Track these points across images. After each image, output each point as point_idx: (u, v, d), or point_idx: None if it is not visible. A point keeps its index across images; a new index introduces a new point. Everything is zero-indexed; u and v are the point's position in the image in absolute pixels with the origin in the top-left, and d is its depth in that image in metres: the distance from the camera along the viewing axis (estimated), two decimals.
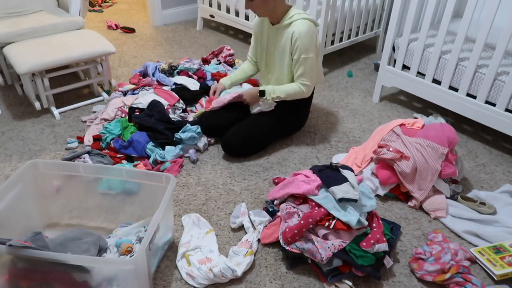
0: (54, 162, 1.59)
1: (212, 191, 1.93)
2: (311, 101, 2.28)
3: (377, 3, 3.21)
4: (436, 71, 2.41)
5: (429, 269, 1.52)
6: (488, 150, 2.31)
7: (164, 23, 3.96)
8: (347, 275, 1.50)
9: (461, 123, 2.53)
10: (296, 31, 1.94)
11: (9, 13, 2.57)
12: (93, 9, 4.27)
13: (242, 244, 1.60)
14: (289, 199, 1.68)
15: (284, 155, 2.19)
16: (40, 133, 2.29)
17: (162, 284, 1.49)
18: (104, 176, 1.58)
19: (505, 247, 1.62)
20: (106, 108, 2.38)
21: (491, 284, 1.55)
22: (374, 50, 3.54)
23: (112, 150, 2.10)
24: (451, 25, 2.64)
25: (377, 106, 2.71)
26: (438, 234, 1.67)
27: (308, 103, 2.27)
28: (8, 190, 1.45)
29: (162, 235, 1.51)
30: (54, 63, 2.25)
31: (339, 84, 2.96)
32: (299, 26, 1.95)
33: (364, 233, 1.53)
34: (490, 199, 1.89)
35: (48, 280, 1.30)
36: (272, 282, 1.52)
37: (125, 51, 3.34)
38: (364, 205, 1.57)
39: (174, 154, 2.07)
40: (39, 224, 1.60)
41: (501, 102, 2.13)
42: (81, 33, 2.52)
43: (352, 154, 2.15)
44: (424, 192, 1.84)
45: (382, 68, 2.64)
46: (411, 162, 1.83)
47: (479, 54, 2.15)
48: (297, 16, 1.98)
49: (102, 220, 1.67)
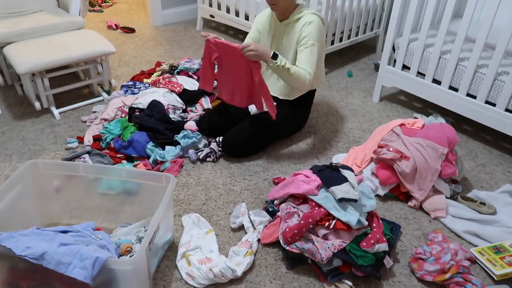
0: (54, 162, 1.59)
1: (212, 191, 1.93)
2: (312, 102, 2.29)
3: (377, 3, 3.21)
4: (436, 71, 2.41)
5: (429, 269, 1.52)
6: (488, 150, 2.31)
7: (164, 23, 3.96)
8: (347, 275, 1.50)
9: (461, 123, 2.53)
10: (306, 21, 1.94)
11: (9, 13, 2.57)
12: (93, 9, 4.28)
13: (242, 244, 1.60)
14: (289, 199, 1.68)
15: (284, 155, 2.19)
16: (40, 133, 2.29)
17: (162, 284, 1.49)
18: (104, 176, 1.58)
19: (505, 247, 1.62)
20: (106, 108, 2.39)
21: (491, 284, 1.55)
22: (374, 50, 3.54)
23: (112, 150, 2.10)
24: (451, 25, 2.64)
25: (377, 106, 2.71)
26: (438, 234, 1.67)
27: (309, 104, 2.27)
28: (8, 190, 1.45)
29: (162, 235, 1.51)
30: (54, 63, 2.25)
31: (339, 84, 2.96)
32: (309, 17, 1.96)
33: (364, 233, 1.53)
34: (490, 199, 1.89)
35: (48, 280, 1.30)
36: (272, 282, 1.52)
37: (125, 51, 3.34)
38: (364, 205, 1.57)
39: (174, 154, 2.07)
40: (39, 224, 1.60)
41: (501, 102, 2.13)
42: (81, 33, 2.52)
43: (352, 154, 2.15)
44: (424, 192, 1.84)
45: (382, 68, 2.64)
46: (411, 162, 1.83)
47: (479, 54, 2.15)
48: (307, 11, 1.99)
49: (102, 220, 1.67)
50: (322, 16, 2.01)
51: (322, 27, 1.99)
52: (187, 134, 2.14)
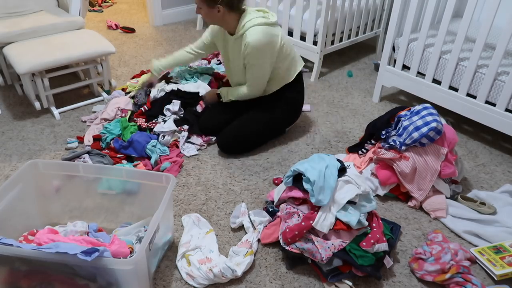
0: (54, 162, 1.59)
1: (212, 191, 1.93)
2: (302, 86, 2.26)
3: (377, 3, 3.21)
4: (436, 71, 2.41)
5: (429, 269, 1.52)
6: (488, 150, 2.31)
7: (164, 23, 3.96)
8: (347, 275, 1.50)
9: (461, 123, 2.53)
10: (247, 41, 1.95)
11: (9, 13, 2.57)
12: (93, 9, 4.27)
13: (242, 244, 1.60)
14: (289, 199, 1.68)
15: (284, 155, 2.19)
16: (40, 133, 2.29)
17: (162, 284, 1.49)
18: (104, 176, 1.58)
19: (505, 247, 1.62)
20: (106, 108, 2.39)
21: (491, 284, 1.55)
22: (374, 50, 3.54)
23: (112, 150, 2.10)
24: (451, 25, 2.64)
25: (377, 106, 2.71)
26: (438, 234, 1.67)
27: (299, 89, 2.25)
28: (8, 190, 1.45)
29: (162, 235, 1.51)
30: (54, 63, 2.25)
31: (339, 84, 2.96)
32: (250, 35, 1.93)
33: (364, 233, 1.53)
34: (490, 199, 1.89)
35: (48, 280, 1.30)
36: (272, 282, 1.52)
37: (125, 51, 3.34)
38: (364, 205, 1.57)
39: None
40: (39, 224, 1.60)
41: (501, 102, 2.13)
42: (81, 33, 2.52)
43: (352, 155, 2.15)
44: (423, 192, 1.84)
45: (382, 68, 2.64)
46: (411, 162, 1.83)
47: (479, 54, 2.15)
48: (249, 24, 1.95)
49: (102, 220, 1.67)
50: (265, 21, 1.95)
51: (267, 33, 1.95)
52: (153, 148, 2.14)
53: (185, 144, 2.20)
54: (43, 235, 1.33)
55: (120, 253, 1.31)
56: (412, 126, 1.83)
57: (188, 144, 2.21)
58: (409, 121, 1.88)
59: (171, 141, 2.18)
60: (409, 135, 1.83)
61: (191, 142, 2.22)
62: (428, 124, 1.80)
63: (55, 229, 1.48)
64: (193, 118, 2.28)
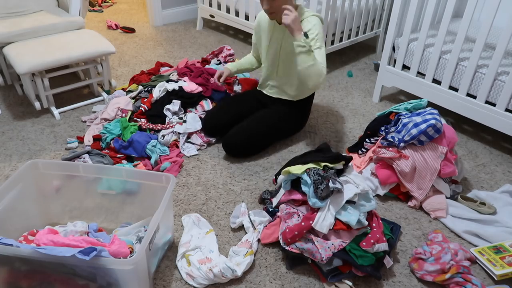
0: (54, 162, 1.59)
1: (212, 191, 1.93)
2: (311, 101, 2.29)
3: (377, 3, 3.21)
4: (436, 71, 2.41)
5: (429, 269, 1.51)
6: (488, 150, 2.31)
7: (164, 23, 3.96)
8: (347, 275, 1.50)
9: (461, 123, 2.53)
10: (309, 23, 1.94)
11: (9, 13, 2.57)
12: (93, 9, 4.28)
13: (242, 244, 1.60)
14: (289, 201, 1.67)
15: (284, 155, 2.19)
16: (40, 133, 2.29)
17: (162, 284, 1.49)
18: (104, 176, 1.58)
19: (505, 247, 1.62)
20: (106, 108, 2.39)
21: (491, 284, 1.55)
22: (374, 50, 3.54)
23: (112, 150, 2.10)
24: (451, 25, 2.64)
25: (377, 106, 2.71)
26: (438, 234, 1.67)
27: (309, 103, 2.28)
28: (8, 190, 1.45)
29: (162, 235, 1.51)
30: (54, 63, 2.25)
31: (339, 84, 2.96)
32: (311, 20, 1.95)
33: (364, 233, 1.53)
34: (490, 199, 1.89)
35: (48, 280, 1.30)
36: (272, 282, 1.52)
37: (125, 51, 3.34)
38: (363, 205, 1.57)
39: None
40: (39, 224, 1.60)
41: (501, 102, 2.13)
42: (81, 33, 2.52)
43: (352, 154, 2.15)
44: (423, 192, 1.84)
45: (382, 68, 2.64)
46: (410, 161, 1.83)
47: (479, 54, 2.15)
48: (307, 13, 1.99)
49: (102, 220, 1.67)
50: (322, 17, 2.01)
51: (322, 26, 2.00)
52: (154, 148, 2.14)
53: (185, 144, 2.20)
54: (43, 236, 1.33)
55: (120, 253, 1.31)
56: (412, 123, 1.84)
57: (188, 144, 2.21)
58: (409, 119, 1.88)
59: (171, 141, 2.19)
60: (408, 132, 1.83)
61: (191, 142, 2.22)
62: (427, 121, 1.80)
63: (55, 229, 1.47)
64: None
